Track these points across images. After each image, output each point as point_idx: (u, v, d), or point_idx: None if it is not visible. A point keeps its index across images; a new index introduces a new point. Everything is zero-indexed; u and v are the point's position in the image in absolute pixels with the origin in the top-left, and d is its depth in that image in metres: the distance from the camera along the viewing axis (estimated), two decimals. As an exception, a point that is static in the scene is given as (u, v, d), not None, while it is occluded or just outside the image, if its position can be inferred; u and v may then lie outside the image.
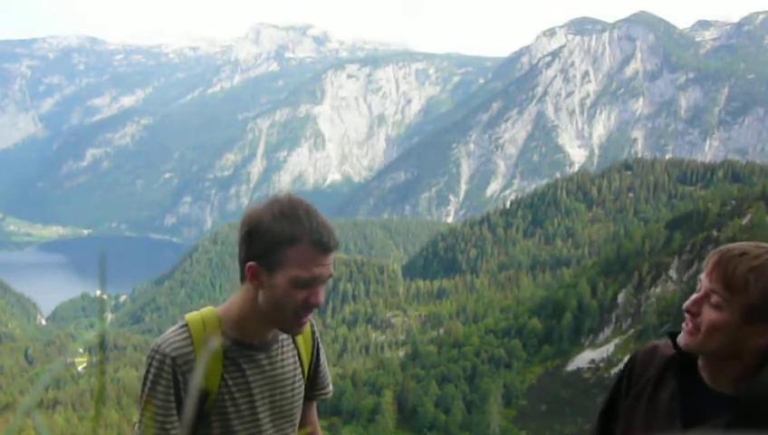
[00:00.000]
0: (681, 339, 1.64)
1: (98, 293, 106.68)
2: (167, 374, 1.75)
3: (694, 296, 1.61)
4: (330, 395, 2.18)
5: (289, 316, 1.77)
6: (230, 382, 1.83)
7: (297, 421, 2.02)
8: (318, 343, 2.09)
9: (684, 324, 1.64)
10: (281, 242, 1.71)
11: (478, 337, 59.58)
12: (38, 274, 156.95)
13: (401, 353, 65.73)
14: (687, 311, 1.62)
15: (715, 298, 1.56)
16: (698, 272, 52.24)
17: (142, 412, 1.79)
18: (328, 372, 2.16)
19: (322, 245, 1.73)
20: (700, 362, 1.66)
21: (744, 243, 1.59)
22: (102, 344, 0.81)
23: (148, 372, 1.78)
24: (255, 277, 1.75)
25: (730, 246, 1.61)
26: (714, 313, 1.56)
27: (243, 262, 1.77)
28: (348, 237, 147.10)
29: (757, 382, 1.54)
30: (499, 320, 64.10)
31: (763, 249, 1.55)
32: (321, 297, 1.77)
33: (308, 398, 2.10)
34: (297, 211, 1.73)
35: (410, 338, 72.45)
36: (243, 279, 1.80)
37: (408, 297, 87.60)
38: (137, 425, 1.81)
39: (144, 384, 1.78)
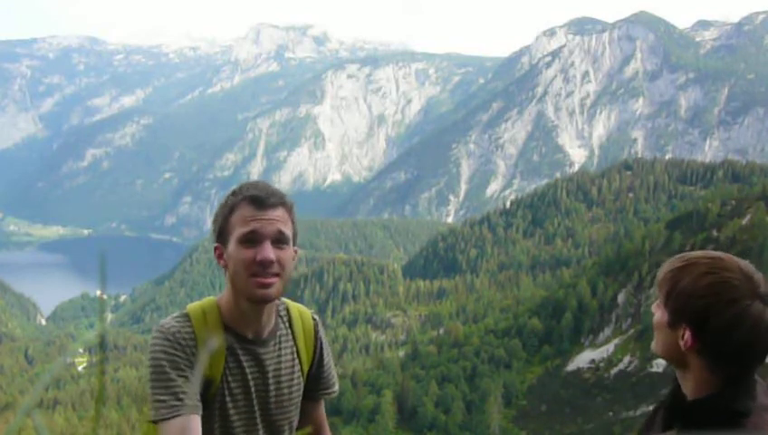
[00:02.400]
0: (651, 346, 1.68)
1: (98, 293, 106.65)
2: (173, 349, 1.77)
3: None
4: (336, 394, 2.19)
5: (245, 279, 1.80)
6: (229, 374, 1.86)
7: (294, 418, 2.02)
8: (322, 343, 2.11)
9: None
10: (225, 214, 1.84)
11: (478, 337, 59.61)
12: (38, 274, 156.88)
13: (401, 353, 65.73)
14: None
15: (657, 300, 1.62)
16: (698, 272, 52.41)
17: (152, 388, 1.76)
18: (334, 371, 2.18)
19: (257, 199, 1.81)
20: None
21: (703, 252, 1.57)
22: (102, 344, 0.82)
23: (152, 350, 1.79)
24: (220, 257, 1.86)
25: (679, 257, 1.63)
26: (656, 312, 1.60)
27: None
28: (348, 237, 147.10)
29: (699, 401, 1.54)
30: (499, 320, 64.11)
31: (708, 257, 1.53)
32: (269, 252, 1.79)
33: (313, 397, 2.11)
34: (241, 186, 1.89)
35: (410, 338, 72.41)
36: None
37: (408, 297, 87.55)
38: (151, 403, 1.77)
39: (150, 360, 1.79)
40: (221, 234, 1.85)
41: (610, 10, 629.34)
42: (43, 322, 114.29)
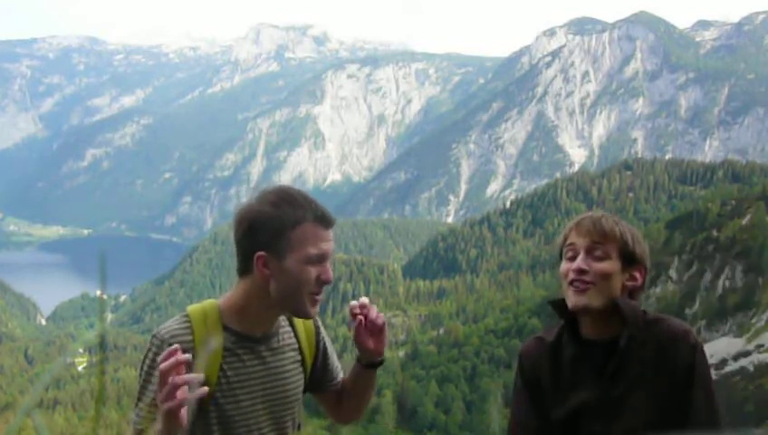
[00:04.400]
0: (574, 301, 1.79)
1: (98, 293, 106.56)
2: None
3: (579, 258, 1.80)
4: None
5: (304, 297, 1.81)
6: (229, 373, 1.85)
7: (296, 414, 2.03)
8: (322, 337, 2.14)
9: (570, 287, 1.81)
10: (286, 226, 1.77)
11: (478, 337, 59.54)
12: (38, 274, 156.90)
13: (401, 353, 65.74)
14: (579, 270, 1.78)
15: (598, 251, 1.77)
16: (698, 272, 52.31)
17: (139, 396, 1.77)
18: (338, 364, 2.20)
19: (325, 220, 1.81)
20: (584, 320, 1.83)
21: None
22: (102, 344, 0.83)
23: (146, 357, 1.80)
24: (265, 267, 1.79)
25: (581, 214, 1.89)
26: (602, 264, 1.76)
27: (247, 255, 1.80)
28: (348, 237, 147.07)
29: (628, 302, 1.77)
30: (499, 320, 64.05)
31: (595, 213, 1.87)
32: (331, 273, 1.84)
33: (322, 389, 2.14)
34: (293, 194, 1.81)
35: (410, 338, 72.43)
36: (242, 272, 1.84)
37: (407, 297, 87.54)
38: (134, 409, 1.79)
39: (142, 368, 1.79)
40: (274, 245, 1.77)
41: (610, 10, 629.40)
42: (43, 322, 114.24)
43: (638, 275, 1.79)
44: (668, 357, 1.72)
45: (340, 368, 2.21)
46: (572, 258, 1.82)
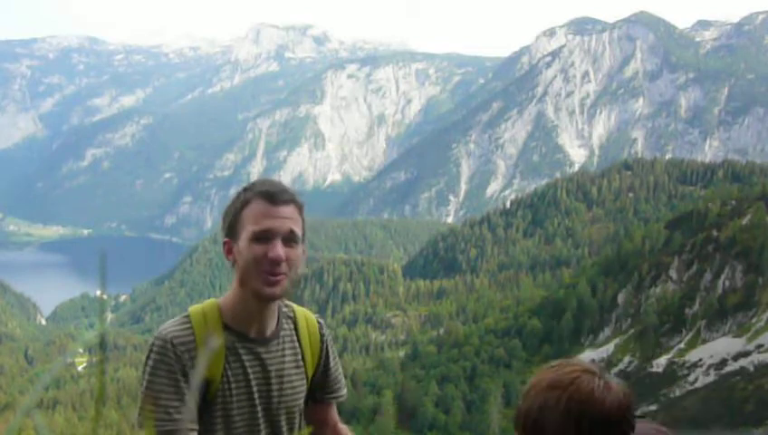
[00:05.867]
0: None
1: (98, 293, 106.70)
2: (168, 359, 1.78)
3: None
4: (344, 398, 2.18)
5: (254, 275, 1.81)
6: (230, 373, 1.86)
7: (297, 418, 2.02)
8: (327, 344, 2.11)
9: None
10: (237, 209, 1.84)
11: (478, 337, 59.58)
12: (38, 274, 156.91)
13: (401, 353, 65.76)
14: None
15: None
16: (698, 272, 52.38)
17: (143, 398, 1.78)
18: (341, 374, 2.17)
19: (270, 196, 1.82)
20: None
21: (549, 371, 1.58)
22: (102, 344, 0.83)
23: (148, 358, 1.81)
24: (230, 252, 1.86)
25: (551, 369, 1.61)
26: None
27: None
28: (348, 237, 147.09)
29: None
30: (499, 320, 64.07)
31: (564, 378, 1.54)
32: (279, 250, 1.80)
33: (321, 400, 2.12)
34: (253, 182, 1.89)
35: (410, 338, 72.47)
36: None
37: (407, 297, 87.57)
38: (137, 412, 1.79)
39: (144, 370, 1.80)
40: (231, 228, 1.85)
41: (610, 10, 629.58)
42: (43, 322, 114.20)
43: None
44: None
45: (344, 384, 2.19)
46: None
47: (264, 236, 1.79)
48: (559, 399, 1.48)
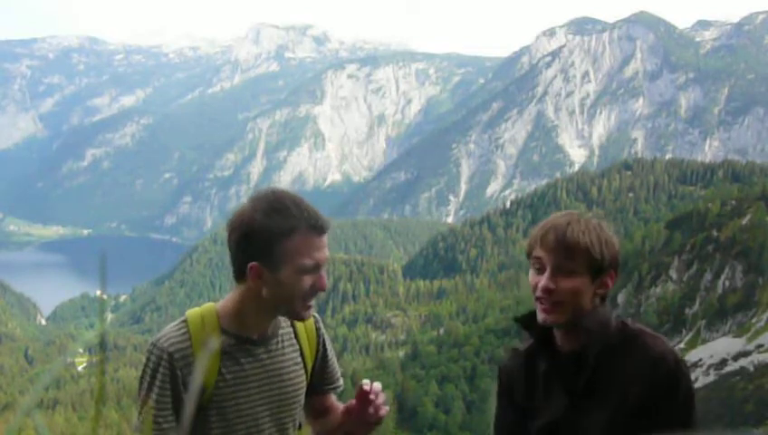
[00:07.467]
0: (542, 318, 1.74)
1: (98, 293, 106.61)
2: (164, 370, 1.78)
3: (545, 277, 1.71)
4: (341, 389, 2.22)
5: (298, 305, 1.82)
6: (228, 377, 1.85)
7: (298, 416, 2.03)
8: (323, 338, 2.11)
9: (539, 305, 1.74)
10: (278, 237, 1.74)
11: (478, 337, 59.53)
12: (38, 274, 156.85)
13: (401, 353, 65.74)
14: (546, 290, 1.70)
15: (566, 267, 1.68)
16: (698, 272, 52.26)
17: (141, 407, 1.81)
18: (337, 366, 2.20)
19: (318, 228, 1.77)
20: (557, 332, 1.79)
21: (554, 216, 1.79)
22: (102, 344, 0.81)
23: (146, 366, 1.81)
24: (258, 277, 1.78)
25: (546, 222, 1.77)
26: (570, 281, 1.68)
27: (241, 264, 1.79)
28: (348, 237, 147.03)
29: (595, 314, 1.72)
30: (499, 320, 64.01)
31: (573, 214, 1.79)
32: (326, 281, 1.82)
33: (320, 392, 2.14)
34: (285, 203, 1.76)
35: (410, 338, 72.42)
36: (238, 278, 1.83)
37: (407, 297, 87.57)
38: (136, 418, 1.84)
39: (142, 379, 1.82)
40: (268, 256, 1.76)
41: (610, 10, 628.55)
42: (43, 322, 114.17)
43: (609, 281, 1.73)
44: (643, 375, 1.65)
45: (340, 374, 2.22)
46: (540, 269, 1.73)
47: (313, 269, 1.78)
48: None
